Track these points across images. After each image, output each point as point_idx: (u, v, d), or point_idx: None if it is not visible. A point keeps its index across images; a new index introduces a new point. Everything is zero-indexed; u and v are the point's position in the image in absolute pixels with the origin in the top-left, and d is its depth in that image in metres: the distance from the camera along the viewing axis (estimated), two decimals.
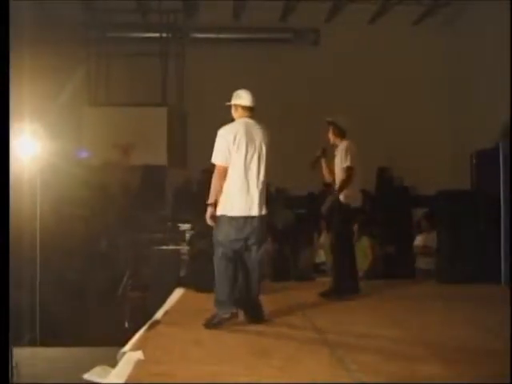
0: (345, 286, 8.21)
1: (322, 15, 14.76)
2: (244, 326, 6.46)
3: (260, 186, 6.51)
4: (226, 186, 6.46)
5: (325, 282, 9.31)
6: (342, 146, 8.33)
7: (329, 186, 8.87)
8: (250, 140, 6.56)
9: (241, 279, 6.60)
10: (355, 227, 11.42)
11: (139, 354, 5.10)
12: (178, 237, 10.65)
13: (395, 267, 11.36)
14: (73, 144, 13.03)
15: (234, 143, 6.49)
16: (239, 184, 6.45)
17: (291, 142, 13.37)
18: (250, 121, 6.80)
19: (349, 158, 8.16)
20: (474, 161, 12.21)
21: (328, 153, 8.38)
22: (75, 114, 13.94)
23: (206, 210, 6.54)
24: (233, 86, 14.76)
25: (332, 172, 8.36)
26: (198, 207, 7.01)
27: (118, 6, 14.34)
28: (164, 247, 10.52)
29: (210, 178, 6.59)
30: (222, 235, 6.47)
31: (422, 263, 11.10)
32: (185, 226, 10.79)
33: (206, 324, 6.38)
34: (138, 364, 4.88)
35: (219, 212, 6.45)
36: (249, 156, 6.50)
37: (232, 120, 6.85)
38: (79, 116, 14.15)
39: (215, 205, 6.46)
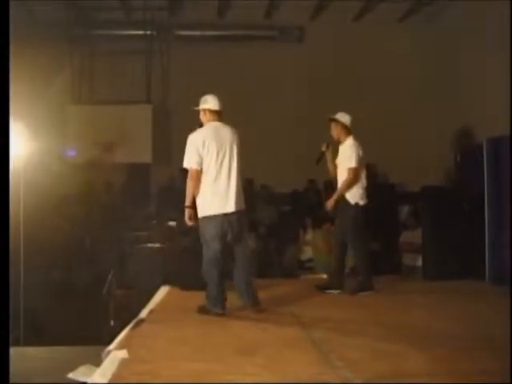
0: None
1: (306, 12, 14.74)
2: (229, 324, 6.47)
3: (233, 184, 6.89)
4: (202, 188, 6.90)
5: (310, 279, 9.32)
6: (347, 144, 8.49)
7: (330, 183, 8.96)
8: (219, 142, 6.93)
9: (234, 272, 7.05)
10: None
11: (124, 353, 5.08)
12: (163, 234, 10.61)
13: (381, 264, 11.36)
14: (57, 142, 12.98)
15: (203, 147, 6.91)
16: (213, 184, 6.86)
17: (275, 140, 13.38)
18: (219, 123, 7.10)
19: (354, 158, 8.32)
20: (459, 158, 12.26)
21: (332, 148, 8.55)
22: (59, 112, 13.89)
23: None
24: (217, 83, 14.81)
25: (336, 167, 8.50)
26: (181, 205, 7.09)
27: (101, 3, 14.28)
28: (149, 245, 10.48)
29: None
30: (206, 235, 6.87)
31: (408, 260, 11.12)
32: (170, 224, 10.75)
33: (198, 310, 6.91)
34: (123, 363, 4.86)
35: (200, 214, 6.88)
36: (220, 157, 6.89)
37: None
38: (63, 114, 14.09)
39: (192, 207, 6.88)
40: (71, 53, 14.52)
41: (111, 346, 5.55)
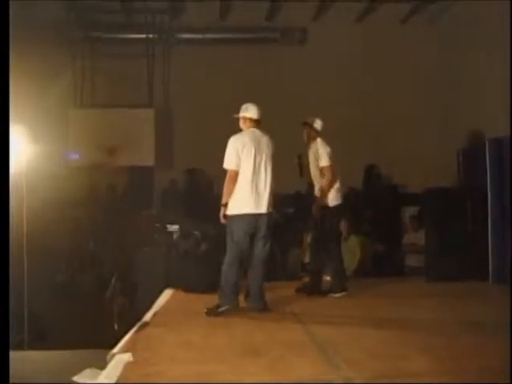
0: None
1: (308, 14, 14.73)
2: (233, 326, 6.47)
3: (267, 188, 7.33)
4: (237, 188, 7.23)
5: None
6: (314, 147, 8.59)
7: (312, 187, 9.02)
8: (257, 147, 7.32)
9: (249, 273, 7.44)
10: (343, 225, 11.44)
11: (128, 356, 5.08)
12: (166, 238, 10.59)
13: (384, 265, 11.36)
14: (59, 146, 12.97)
15: (242, 150, 7.24)
16: (249, 186, 7.21)
17: (278, 142, 13.31)
18: (257, 131, 7.50)
19: (323, 157, 8.48)
20: (461, 158, 12.25)
21: (305, 157, 8.67)
22: (61, 115, 13.88)
23: (191, 211, 7.02)
24: (219, 86, 14.80)
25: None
26: (183, 208, 7.19)
27: (103, 6, 14.29)
28: (152, 248, 10.47)
29: (194, 177, 7.20)
30: (235, 233, 7.22)
31: (411, 261, 11.11)
32: (172, 227, 10.75)
33: (207, 312, 7.06)
34: (128, 366, 4.86)
35: (231, 212, 7.23)
36: (257, 161, 7.27)
37: (239, 130, 7.55)
38: (65, 118, 14.08)
39: (227, 206, 7.23)
40: (73, 56, 14.53)
41: (116, 350, 5.55)
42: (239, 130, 7.89)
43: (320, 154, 8.48)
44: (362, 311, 7.28)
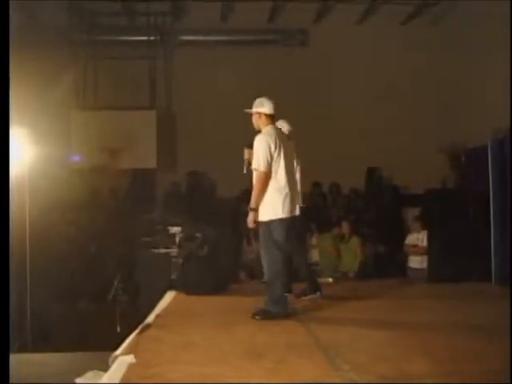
0: None
1: (310, 16, 14.74)
2: (235, 328, 6.47)
3: (298, 188, 7.21)
4: (270, 190, 6.84)
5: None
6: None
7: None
8: (284, 146, 6.96)
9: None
10: (346, 227, 11.46)
11: (131, 358, 5.08)
12: (169, 240, 10.60)
13: (386, 267, 11.37)
14: (61, 148, 12.98)
15: (274, 149, 6.84)
16: (284, 187, 6.85)
17: None
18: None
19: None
20: (464, 159, 12.24)
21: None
22: (63, 118, 13.88)
23: (193, 214, 6.87)
24: (221, 88, 14.81)
25: None
26: (186, 210, 7.13)
27: (105, 9, 14.30)
28: (154, 250, 10.48)
29: (195, 180, 7.00)
30: (277, 237, 6.84)
31: (413, 262, 11.10)
32: (174, 229, 10.75)
33: (257, 315, 6.85)
34: (130, 368, 4.86)
35: (266, 217, 6.86)
36: (287, 161, 6.91)
37: (241, 131, 7.46)
38: (67, 120, 14.08)
39: (257, 209, 6.85)
40: (75, 58, 14.53)
41: (118, 351, 5.55)
42: (242, 131, 7.88)
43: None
44: (365, 313, 7.27)
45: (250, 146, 7.35)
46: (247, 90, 14.18)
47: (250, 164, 7.43)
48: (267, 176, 6.82)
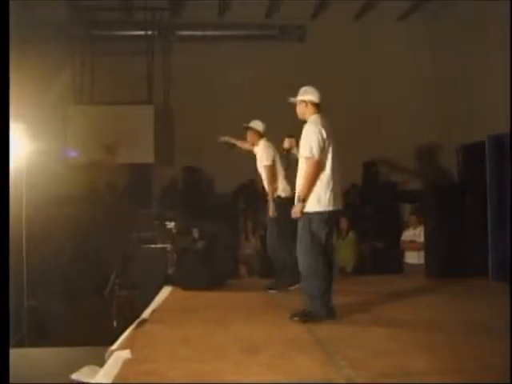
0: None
1: (307, 11, 14.72)
2: (232, 324, 6.47)
3: (339, 181, 6.69)
4: (320, 181, 6.52)
5: None
6: (259, 147, 8.82)
7: None
8: (331, 136, 6.66)
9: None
10: (344, 222, 11.46)
11: (127, 353, 5.09)
12: (165, 235, 10.60)
13: (383, 262, 11.38)
14: (59, 143, 12.97)
15: (326, 139, 6.57)
16: (329, 179, 6.55)
17: (276, 139, 13.29)
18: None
19: (264, 157, 8.65)
20: (460, 155, 12.26)
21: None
22: (61, 112, 13.86)
23: (189, 208, 6.71)
24: (219, 83, 14.78)
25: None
26: (183, 205, 7.03)
27: (102, 4, 14.27)
28: (151, 245, 10.49)
29: (191, 175, 6.82)
30: (320, 230, 6.53)
31: (410, 258, 11.12)
32: (171, 224, 10.76)
33: (300, 317, 6.49)
34: (126, 363, 4.87)
35: (312, 208, 6.52)
36: (333, 152, 6.62)
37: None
38: (65, 115, 14.06)
39: (305, 200, 6.50)
40: (72, 53, 14.49)
41: (114, 347, 5.56)
42: (239, 126, 7.88)
43: (261, 155, 8.71)
44: (362, 309, 7.27)
45: (291, 136, 7.27)
46: (245, 84, 14.26)
47: (288, 153, 7.35)
48: (320, 165, 6.52)
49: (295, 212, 6.56)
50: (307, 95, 6.98)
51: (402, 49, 14.69)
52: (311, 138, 6.57)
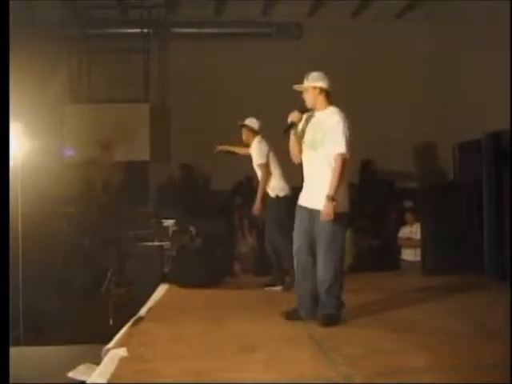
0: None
1: (304, 9, 14.70)
2: (229, 322, 6.46)
3: None
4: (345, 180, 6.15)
5: None
6: (252, 146, 8.75)
7: None
8: None
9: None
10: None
11: (123, 351, 5.08)
12: (162, 233, 10.60)
13: (380, 259, 11.39)
14: (55, 142, 12.95)
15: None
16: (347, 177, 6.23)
17: (273, 137, 13.26)
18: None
19: (258, 154, 8.59)
20: (457, 153, 12.27)
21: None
22: (57, 111, 13.84)
23: (187, 206, 6.65)
24: (215, 80, 14.75)
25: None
26: (180, 203, 7.00)
27: (98, 2, 14.24)
28: (148, 243, 10.48)
29: (187, 172, 6.72)
30: (339, 234, 6.21)
31: (407, 255, 11.13)
32: (168, 222, 10.75)
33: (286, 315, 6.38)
34: (122, 361, 4.86)
35: (342, 209, 6.20)
36: None
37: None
38: (61, 113, 14.05)
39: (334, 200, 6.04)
40: (68, 52, 14.47)
41: (110, 345, 5.55)
42: (235, 124, 7.84)
43: (255, 154, 8.63)
44: (359, 307, 7.27)
45: (302, 110, 6.68)
46: (241, 82, 14.25)
47: (290, 128, 6.62)
48: (347, 163, 6.18)
49: (328, 214, 6.00)
50: (319, 81, 6.51)
51: (400, 46, 14.67)
52: (345, 133, 6.33)
